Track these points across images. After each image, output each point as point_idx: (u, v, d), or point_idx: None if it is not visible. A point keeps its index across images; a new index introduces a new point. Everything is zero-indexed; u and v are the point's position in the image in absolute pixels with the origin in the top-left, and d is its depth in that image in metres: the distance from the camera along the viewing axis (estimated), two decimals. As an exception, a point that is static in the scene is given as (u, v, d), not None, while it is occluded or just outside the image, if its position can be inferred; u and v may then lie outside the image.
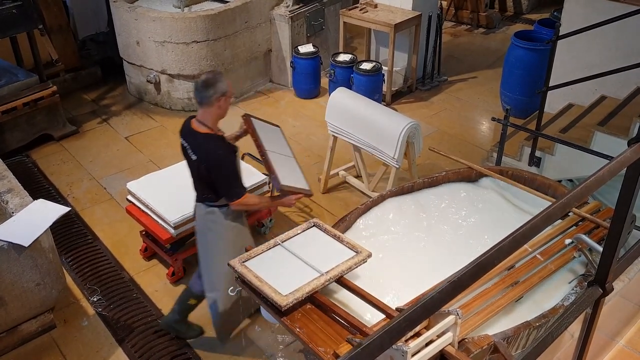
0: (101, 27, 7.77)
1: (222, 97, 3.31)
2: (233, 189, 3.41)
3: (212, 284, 3.68)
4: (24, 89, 5.99)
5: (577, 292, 3.15)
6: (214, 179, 3.37)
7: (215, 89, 3.27)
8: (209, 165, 3.34)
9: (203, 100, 3.31)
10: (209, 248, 3.61)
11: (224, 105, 3.36)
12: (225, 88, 3.31)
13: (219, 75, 3.35)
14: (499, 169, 4.26)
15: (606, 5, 5.33)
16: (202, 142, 3.36)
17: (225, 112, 3.41)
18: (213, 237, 3.58)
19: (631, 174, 2.03)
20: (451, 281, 1.50)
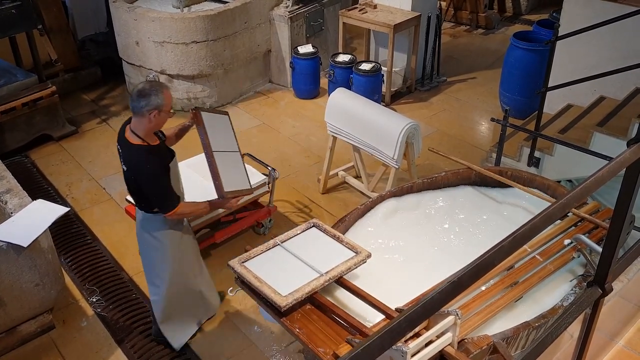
0: (101, 27, 7.77)
1: (154, 111, 3.15)
2: (165, 202, 3.31)
3: (154, 288, 3.70)
4: (23, 89, 5.99)
5: (576, 292, 3.15)
6: (145, 192, 3.31)
7: (147, 101, 3.13)
8: (137, 178, 3.27)
9: (134, 110, 3.18)
10: (151, 253, 3.59)
11: (157, 119, 3.19)
12: (159, 102, 3.14)
13: (157, 87, 3.19)
14: (498, 170, 4.26)
15: (605, 6, 5.33)
16: (132, 155, 3.24)
17: (158, 125, 3.25)
18: (152, 242, 3.53)
19: (630, 174, 2.03)
20: (451, 282, 1.50)
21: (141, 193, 3.35)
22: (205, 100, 6.87)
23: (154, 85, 3.19)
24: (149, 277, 3.73)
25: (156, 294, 3.71)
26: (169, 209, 3.32)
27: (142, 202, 3.43)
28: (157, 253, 3.57)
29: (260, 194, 4.76)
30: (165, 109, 3.19)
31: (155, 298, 3.73)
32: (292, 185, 5.59)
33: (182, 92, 6.81)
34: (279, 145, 6.24)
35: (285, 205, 5.30)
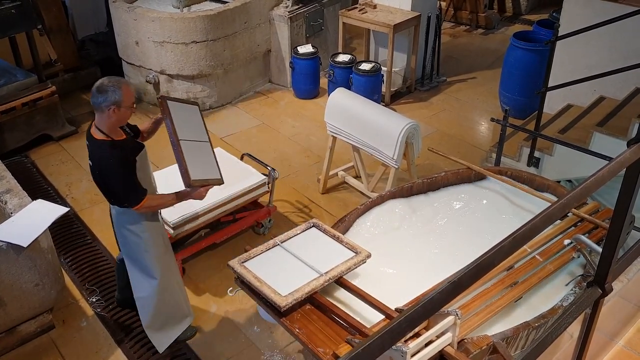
0: (100, 27, 7.76)
1: (113, 107, 3.15)
2: (131, 196, 3.31)
3: (140, 285, 3.65)
4: (23, 89, 5.99)
5: (576, 292, 3.15)
6: (111, 187, 3.32)
7: (105, 97, 3.14)
8: (102, 173, 3.29)
9: (94, 106, 3.20)
10: (132, 248, 3.55)
11: (118, 115, 3.19)
12: (117, 98, 3.14)
13: (115, 83, 3.19)
14: (498, 170, 4.26)
15: (605, 6, 5.33)
16: (96, 150, 3.26)
17: (120, 121, 3.26)
18: (131, 237, 3.51)
19: (630, 174, 2.03)
20: (451, 282, 1.50)
21: (108, 188, 3.36)
22: (205, 100, 6.87)
23: (112, 81, 3.20)
24: (135, 275, 3.65)
25: (143, 290, 3.64)
26: (135, 203, 3.31)
27: (111, 198, 3.43)
28: (139, 248, 3.53)
29: (260, 194, 4.76)
30: (125, 105, 3.19)
31: (142, 295, 3.65)
32: (291, 185, 5.59)
33: (182, 92, 6.80)
34: (278, 145, 6.24)
35: (285, 205, 5.30)
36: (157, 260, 3.59)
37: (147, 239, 3.52)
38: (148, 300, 3.67)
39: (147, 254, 3.55)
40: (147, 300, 3.68)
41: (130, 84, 3.36)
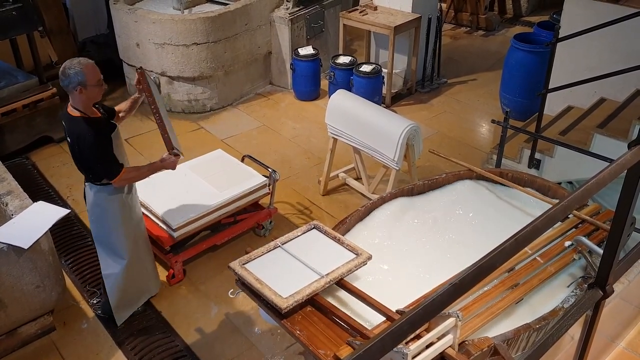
0: (101, 29, 7.77)
1: (79, 87, 3.30)
2: (109, 169, 3.48)
3: (109, 262, 3.80)
4: (24, 90, 5.99)
5: (577, 294, 3.15)
6: (88, 162, 3.48)
7: (69, 80, 3.29)
8: (80, 148, 3.42)
9: (64, 88, 3.36)
10: (104, 226, 3.70)
11: (87, 93, 3.35)
12: (80, 79, 3.28)
13: (77, 64, 3.30)
14: (498, 171, 4.26)
15: (605, 7, 5.34)
16: (74, 126, 3.42)
17: (91, 99, 3.42)
18: (105, 214, 3.65)
19: (631, 176, 2.03)
20: (452, 284, 1.50)
21: (87, 163, 3.51)
22: (206, 102, 6.88)
23: (74, 63, 3.31)
24: (104, 252, 3.79)
25: (111, 267, 3.79)
26: (114, 175, 3.49)
27: (90, 174, 3.57)
28: (111, 224, 3.69)
29: (260, 196, 4.77)
30: (90, 84, 3.33)
31: (110, 272, 3.81)
32: (292, 186, 5.59)
33: (183, 94, 6.81)
34: (279, 146, 6.24)
35: (285, 207, 5.31)
36: (127, 238, 3.76)
37: (119, 217, 3.68)
38: (116, 278, 3.83)
39: (117, 232, 3.71)
40: (115, 278, 3.83)
41: (93, 63, 3.43)
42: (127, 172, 3.56)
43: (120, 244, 3.77)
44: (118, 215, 3.68)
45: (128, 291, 3.95)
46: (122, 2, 6.81)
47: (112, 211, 3.66)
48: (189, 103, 6.86)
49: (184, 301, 4.36)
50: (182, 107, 6.89)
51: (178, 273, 4.48)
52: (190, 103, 6.86)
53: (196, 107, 6.89)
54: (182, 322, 4.19)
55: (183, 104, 6.87)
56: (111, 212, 3.66)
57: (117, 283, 3.87)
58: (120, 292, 3.92)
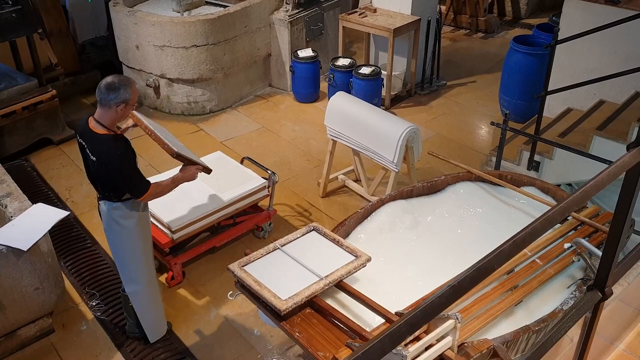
0: (101, 31, 7.77)
1: (122, 104, 3.27)
2: (138, 186, 3.41)
3: (131, 279, 3.73)
4: (24, 93, 5.99)
5: (576, 296, 3.15)
6: (117, 180, 3.38)
7: (116, 95, 3.24)
8: (109, 167, 3.32)
9: (102, 102, 3.27)
10: (122, 243, 3.60)
11: (123, 112, 3.31)
12: (127, 96, 3.27)
13: (126, 81, 3.31)
14: (498, 173, 4.26)
15: (605, 10, 5.34)
16: (101, 144, 3.32)
17: (123, 117, 3.37)
18: (123, 231, 3.55)
19: (630, 178, 2.03)
20: (451, 285, 1.50)
21: (112, 182, 3.40)
22: (205, 104, 6.88)
23: (122, 80, 3.30)
24: (125, 271, 3.72)
25: (135, 283, 3.72)
26: (143, 192, 3.41)
27: (111, 192, 3.45)
28: (129, 242, 3.59)
29: (260, 198, 4.77)
30: (131, 103, 3.32)
31: (135, 289, 3.73)
32: (292, 188, 5.59)
33: (182, 96, 6.81)
34: (279, 149, 6.24)
35: (285, 209, 5.31)
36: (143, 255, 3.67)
37: (137, 233, 3.58)
38: (139, 295, 3.77)
39: (136, 249, 3.62)
40: (138, 295, 3.77)
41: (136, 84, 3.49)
42: (155, 187, 3.48)
43: (139, 261, 3.67)
44: (135, 231, 3.57)
45: (154, 307, 3.88)
46: (121, 4, 6.82)
47: (129, 227, 3.55)
48: (188, 105, 6.86)
49: (183, 303, 4.36)
50: (181, 109, 6.89)
51: (177, 275, 4.47)
52: (189, 105, 6.86)
53: (195, 109, 6.89)
54: (181, 324, 4.18)
55: (182, 106, 6.87)
56: (128, 229, 3.55)
57: (144, 300, 3.79)
58: (148, 308, 3.84)
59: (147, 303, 3.82)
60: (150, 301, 3.83)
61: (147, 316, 3.87)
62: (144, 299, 3.79)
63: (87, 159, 3.44)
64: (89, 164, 3.45)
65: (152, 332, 3.96)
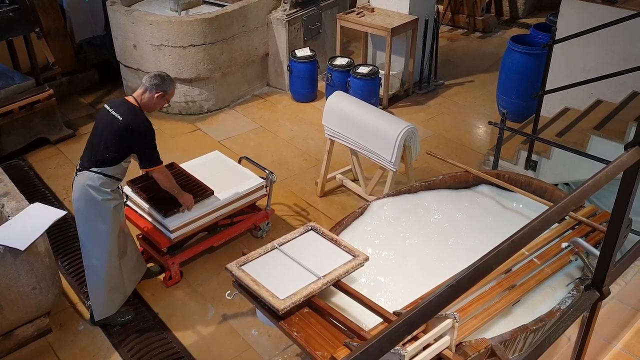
0: (98, 31, 7.76)
1: (161, 92, 3.76)
2: (154, 156, 3.81)
3: (90, 254, 3.89)
4: (21, 92, 5.98)
5: (574, 295, 3.15)
6: (137, 144, 3.72)
7: (161, 82, 3.75)
8: (134, 131, 3.67)
9: (147, 84, 3.74)
10: (91, 215, 3.77)
11: (157, 101, 3.78)
12: (167, 89, 3.78)
13: (171, 79, 3.85)
14: (495, 173, 4.27)
15: (602, 9, 5.35)
16: (133, 110, 3.72)
17: (155, 107, 3.83)
18: (96, 205, 3.73)
19: (627, 177, 2.03)
20: (449, 285, 1.50)
21: (122, 144, 3.68)
22: (203, 103, 6.88)
23: (170, 77, 3.85)
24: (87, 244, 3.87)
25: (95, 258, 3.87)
26: (155, 163, 3.83)
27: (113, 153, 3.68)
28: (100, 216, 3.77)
29: (257, 197, 4.76)
30: (166, 98, 3.83)
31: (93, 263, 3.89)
32: (289, 188, 5.59)
33: (180, 96, 6.80)
34: (276, 148, 6.24)
35: (282, 209, 5.30)
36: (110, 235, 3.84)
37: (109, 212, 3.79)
38: (97, 269, 3.90)
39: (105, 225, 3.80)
40: (96, 269, 3.90)
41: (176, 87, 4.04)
42: (165, 170, 3.97)
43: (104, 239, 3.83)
44: (108, 209, 3.77)
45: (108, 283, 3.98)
46: (119, 3, 6.80)
47: (103, 202, 3.73)
48: (186, 104, 6.85)
49: (181, 303, 4.36)
50: (179, 108, 6.88)
51: (175, 275, 4.47)
52: (187, 104, 6.85)
53: (193, 109, 6.89)
54: (179, 324, 4.18)
55: (180, 106, 6.87)
56: (101, 204, 3.73)
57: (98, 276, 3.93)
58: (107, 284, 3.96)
59: (101, 281, 3.93)
60: (104, 281, 3.93)
61: (96, 293, 3.98)
62: (98, 277, 3.92)
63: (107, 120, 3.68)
64: (103, 124, 3.71)
65: (97, 310, 4.04)
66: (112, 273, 3.94)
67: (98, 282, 3.94)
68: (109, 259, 3.89)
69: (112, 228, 3.82)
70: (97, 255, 3.87)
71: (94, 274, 3.93)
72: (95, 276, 3.93)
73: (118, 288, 4.04)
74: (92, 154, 3.74)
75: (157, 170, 3.87)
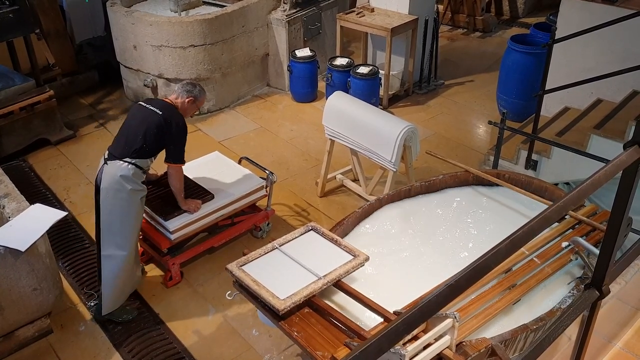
0: (98, 32, 7.77)
1: (192, 98, 4.03)
2: (181, 154, 3.99)
3: (115, 243, 3.90)
4: (21, 93, 5.98)
5: (574, 295, 3.15)
6: (172, 138, 3.89)
7: (193, 89, 4.05)
8: (171, 126, 3.85)
9: (180, 90, 4.03)
10: (121, 205, 3.84)
11: (188, 106, 4.05)
12: (198, 96, 4.06)
13: (203, 89, 4.16)
14: (495, 173, 4.27)
15: (602, 9, 5.35)
16: (170, 107, 3.95)
17: (187, 112, 4.06)
18: (125, 194, 3.82)
19: (627, 177, 2.03)
20: (449, 284, 1.50)
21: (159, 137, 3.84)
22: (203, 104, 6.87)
23: (201, 87, 4.16)
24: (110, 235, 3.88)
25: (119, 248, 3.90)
26: (180, 161, 4.01)
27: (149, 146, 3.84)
28: (128, 206, 3.85)
29: (258, 198, 4.77)
30: (197, 104, 4.10)
31: (114, 253, 3.91)
32: (290, 188, 5.59)
33: (180, 96, 6.80)
34: (276, 148, 6.24)
35: (283, 209, 5.31)
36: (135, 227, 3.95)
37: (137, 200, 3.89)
38: (119, 259, 3.92)
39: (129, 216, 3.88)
40: (118, 259, 3.92)
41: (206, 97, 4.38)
42: (182, 172, 4.11)
43: (130, 229, 3.91)
44: (137, 199, 3.87)
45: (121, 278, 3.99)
46: (119, 4, 6.81)
47: (132, 192, 3.82)
48: (186, 105, 6.85)
49: (181, 303, 4.36)
50: (179, 109, 6.88)
51: (175, 275, 4.47)
52: (187, 105, 6.85)
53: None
54: (180, 324, 4.18)
55: (180, 106, 6.86)
56: (130, 193, 3.82)
57: (116, 267, 3.93)
58: (115, 277, 3.96)
59: (117, 272, 3.95)
60: (121, 271, 3.96)
61: (109, 285, 3.98)
62: (117, 267, 3.93)
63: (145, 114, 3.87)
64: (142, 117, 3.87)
65: (107, 303, 4.04)
66: (129, 264, 3.99)
67: (114, 272, 3.95)
68: (130, 250, 3.95)
69: (136, 219, 3.94)
70: (120, 245, 3.91)
71: (113, 264, 3.93)
72: (114, 266, 3.93)
73: (130, 280, 4.09)
74: (128, 144, 3.84)
75: (177, 167, 4.03)
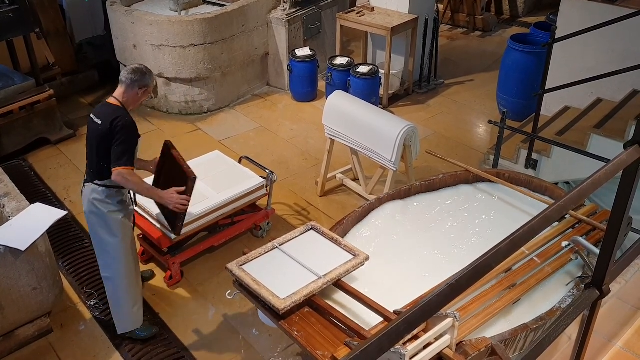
0: (98, 31, 7.77)
1: (144, 87, 3.58)
2: (124, 156, 3.50)
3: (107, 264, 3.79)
4: (21, 92, 5.98)
5: (574, 294, 3.15)
6: (115, 144, 3.47)
7: (142, 77, 3.55)
8: (112, 131, 3.45)
9: (126, 81, 3.54)
10: (101, 227, 3.67)
11: (142, 95, 3.62)
12: (148, 83, 3.59)
13: (150, 70, 3.65)
14: (495, 172, 4.27)
15: (602, 8, 5.35)
16: (114, 110, 3.52)
17: (138, 101, 3.65)
18: (104, 216, 3.64)
19: (627, 176, 2.03)
20: (449, 284, 1.50)
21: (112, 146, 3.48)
22: (203, 103, 6.88)
23: (147, 68, 3.65)
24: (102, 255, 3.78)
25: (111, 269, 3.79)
26: (122, 163, 3.49)
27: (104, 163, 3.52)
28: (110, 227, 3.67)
29: (258, 197, 4.77)
30: (149, 91, 3.65)
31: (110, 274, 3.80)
32: (290, 188, 5.59)
33: (180, 95, 6.80)
34: (277, 148, 6.24)
35: (283, 208, 5.31)
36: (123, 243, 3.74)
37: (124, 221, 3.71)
38: (114, 281, 3.82)
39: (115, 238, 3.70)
40: (114, 281, 3.82)
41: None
42: (132, 173, 3.54)
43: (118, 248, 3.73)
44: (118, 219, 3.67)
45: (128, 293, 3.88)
46: (119, 3, 6.81)
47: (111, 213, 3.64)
48: (186, 104, 6.85)
49: (181, 302, 4.36)
50: (179, 108, 6.88)
51: (176, 274, 4.47)
52: (187, 104, 6.85)
53: (193, 109, 6.89)
54: (180, 324, 4.18)
55: (180, 106, 6.87)
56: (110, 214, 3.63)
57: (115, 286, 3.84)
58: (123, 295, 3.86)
59: (120, 294, 3.85)
60: (125, 293, 3.85)
61: (117, 305, 3.91)
62: (116, 289, 3.84)
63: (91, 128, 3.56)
64: (90, 134, 3.57)
65: (120, 323, 3.97)
66: (130, 284, 3.84)
67: (117, 294, 3.85)
68: (124, 271, 3.79)
69: (122, 239, 3.72)
70: (112, 267, 3.78)
71: (111, 285, 3.84)
72: (113, 288, 3.84)
73: (135, 296, 3.92)
74: (90, 166, 3.64)
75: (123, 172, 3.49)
